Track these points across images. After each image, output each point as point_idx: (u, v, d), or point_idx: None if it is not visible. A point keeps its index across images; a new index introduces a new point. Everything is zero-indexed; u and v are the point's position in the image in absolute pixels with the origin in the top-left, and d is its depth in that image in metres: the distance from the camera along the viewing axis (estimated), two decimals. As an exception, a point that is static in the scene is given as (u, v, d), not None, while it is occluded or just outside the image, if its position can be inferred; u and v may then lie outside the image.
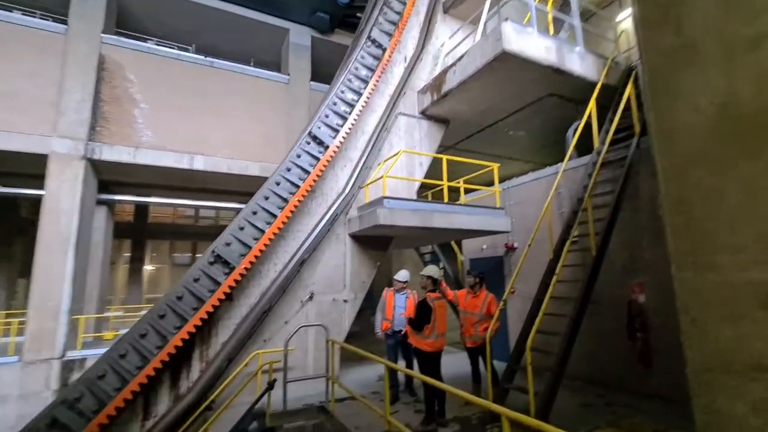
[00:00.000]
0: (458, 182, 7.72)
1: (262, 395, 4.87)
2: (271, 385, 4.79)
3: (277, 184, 5.93)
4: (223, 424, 4.92)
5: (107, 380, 4.49)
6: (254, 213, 5.67)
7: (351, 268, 6.56)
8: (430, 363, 4.65)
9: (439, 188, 7.22)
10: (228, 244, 5.41)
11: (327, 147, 6.39)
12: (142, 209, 17.27)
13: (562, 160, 6.51)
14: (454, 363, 7.55)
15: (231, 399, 4.76)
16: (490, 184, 7.57)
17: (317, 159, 6.27)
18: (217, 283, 5.18)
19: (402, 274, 5.48)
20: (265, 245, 5.54)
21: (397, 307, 5.38)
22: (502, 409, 2.44)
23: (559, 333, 4.61)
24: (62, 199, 8.37)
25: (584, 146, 6.70)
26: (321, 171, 6.22)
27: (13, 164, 8.94)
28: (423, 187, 10.07)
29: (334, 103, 6.73)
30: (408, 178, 7.12)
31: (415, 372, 5.16)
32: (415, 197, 7.21)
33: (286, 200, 5.86)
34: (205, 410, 5.00)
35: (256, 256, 5.45)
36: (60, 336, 7.95)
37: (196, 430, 4.83)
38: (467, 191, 8.77)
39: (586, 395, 5.52)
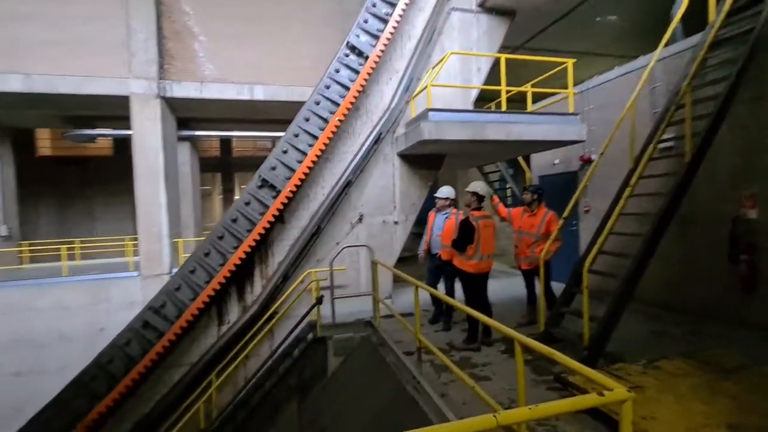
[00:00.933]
0: (525, 87, 6.65)
1: (310, 309, 5.19)
2: (319, 301, 5.06)
3: (317, 103, 5.68)
4: (282, 332, 5.43)
5: (182, 292, 5.14)
6: (296, 135, 5.58)
7: (400, 189, 6.32)
8: (474, 285, 4.40)
9: (508, 95, 6.30)
10: (273, 168, 5.48)
11: (367, 58, 5.83)
12: (226, 144, 18.67)
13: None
14: (510, 285, 7.25)
15: (285, 309, 5.15)
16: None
17: (357, 73, 5.80)
18: (266, 207, 5.36)
19: (443, 191, 5.07)
20: (309, 168, 5.50)
21: (435, 228, 5.08)
22: (515, 334, 2.15)
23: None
24: (147, 137, 9.24)
25: (694, 24, 5.13)
26: (362, 86, 5.77)
27: (105, 108, 9.99)
28: (487, 100, 9.03)
29: (374, 5, 5.98)
30: (460, 86, 6.31)
31: (446, 295, 5.10)
32: (471, 108, 6.43)
33: (326, 120, 5.63)
34: (268, 320, 5.54)
35: (300, 179, 5.46)
36: (165, 256, 9.31)
37: (261, 336, 5.43)
38: (537, 99, 7.60)
39: (662, 323, 4.87)
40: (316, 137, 5.57)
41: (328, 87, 5.75)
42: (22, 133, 13.34)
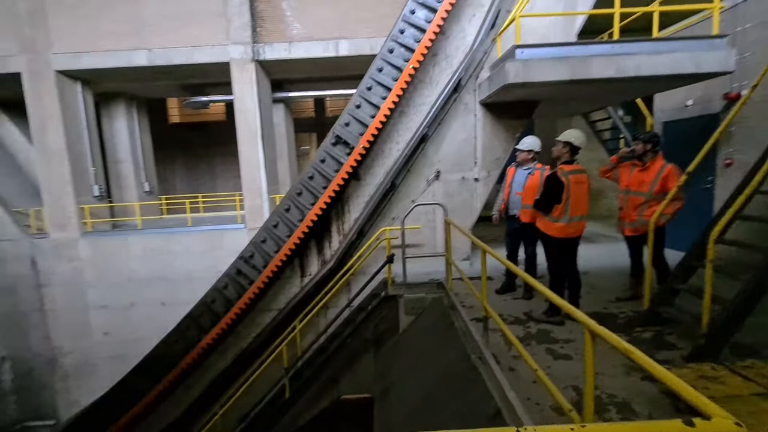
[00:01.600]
0: (651, 7, 5.27)
1: (381, 268, 5.16)
2: (389, 260, 4.98)
3: (390, 51, 5.30)
4: (358, 286, 5.55)
5: (267, 244, 5.54)
6: (369, 88, 5.33)
7: (483, 143, 5.72)
8: (559, 251, 3.82)
9: (625, 22, 5.08)
10: (347, 125, 5.38)
11: (446, -7, 5.17)
12: (320, 105, 19.32)
13: None
14: (613, 251, 6.24)
15: (360, 265, 5.22)
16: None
17: (435, 11, 5.20)
18: (340, 164, 5.34)
19: (525, 142, 4.37)
20: (382, 122, 5.26)
21: (515, 185, 4.46)
22: (582, 317, 1.73)
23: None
24: (245, 100, 9.94)
25: None
26: (439, 26, 5.17)
27: (212, 75, 10.94)
28: (597, 33, 7.51)
29: (455, -73, 5.18)
30: (558, 14, 5.27)
31: (528, 262, 4.52)
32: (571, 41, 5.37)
33: (401, 69, 5.25)
34: (344, 274, 5.71)
35: (373, 135, 5.28)
36: (265, 210, 10.23)
37: (338, 289, 5.64)
38: (667, 24, 6.01)
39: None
40: (389, 89, 5.26)
41: (402, 32, 5.29)
42: (156, 102, 15.56)
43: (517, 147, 4.46)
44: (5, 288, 9.99)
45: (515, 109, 5.57)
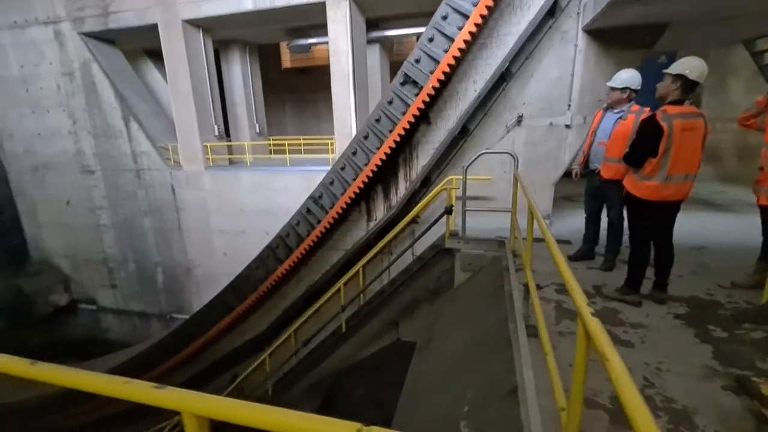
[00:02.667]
0: None
1: (438, 218, 4.87)
2: (447, 211, 4.65)
3: (472, -30, 4.53)
4: (422, 236, 5.38)
5: (335, 186, 5.66)
6: (444, 17, 4.72)
7: (582, 81, 4.73)
8: (648, 219, 3.05)
9: None
10: (417, 61, 4.92)
11: None
12: (423, 44, 18.30)
13: None
14: (741, 224, 4.80)
15: (421, 214, 5.02)
16: None
17: None
18: (407, 105, 5.01)
19: (620, 78, 3.38)
20: (456, 58, 4.68)
21: (600, 133, 3.57)
22: (584, 313, 1.32)
23: None
24: (339, 41, 9.86)
25: None
26: (535, -69, 4.19)
27: (311, 17, 11.03)
28: None
29: None
30: None
31: (612, 228, 3.64)
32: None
33: (482, -8, 4.48)
34: (410, 222, 5.59)
35: (445, 72, 4.75)
36: (353, 154, 10.45)
37: (400, 236, 5.57)
38: None
39: None
40: (467, 16, 4.58)
41: (488, -57, 4.44)
42: (271, 48, 16.57)
43: (609, 84, 3.52)
44: (155, 209, 12.43)
45: (632, 36, 4.39)
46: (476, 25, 4.52)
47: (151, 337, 9.67)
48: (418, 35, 12.92)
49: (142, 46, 13.57)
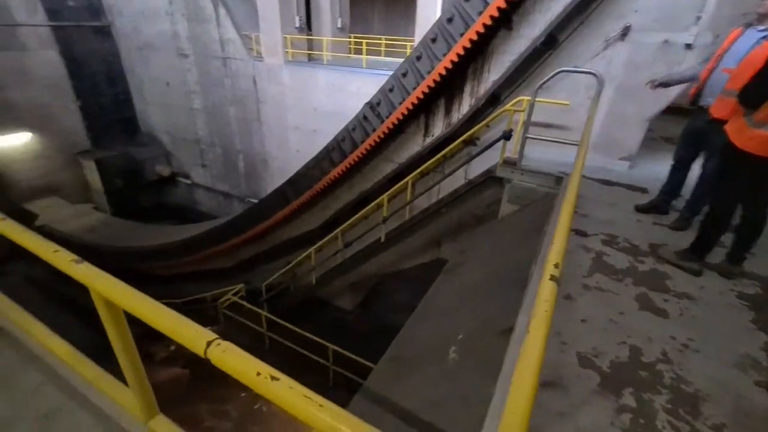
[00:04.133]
0: None
1: (494, 142, 4.44)
2: (505, 135, 4.19)
3: None
4: (477, 158, 5.02)
5: (394, 94, 5.33)
6: None
7: (726, -17, 3.56)
8: (746, 175, 2.42)
9: None
10: (507, -54, 4.04)
11: None
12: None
13: None
14: None
15: (473, 131, 4.62)
16: None
17: None
18: (486, 3, 4.27)
19: None
20: (556, -58, 3.74)
21: (727, 56, 2.70)
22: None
23: None
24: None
25: None
26: None
27: None
28: None
29: None
30: None
31: (702, 180, 2.90)
32: None
33: None
34: (467, 143, 5.20)
35: (539, -37, 3.87)
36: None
37: (455, 154, 5.27)
38: None
39: None
40: None
41: None
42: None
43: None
44: (238, 99, 13.08)
45: None
46: None
47: (231, 214, 10.97)
48: None
49: None
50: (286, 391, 0.64)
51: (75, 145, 14.68)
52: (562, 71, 3.78)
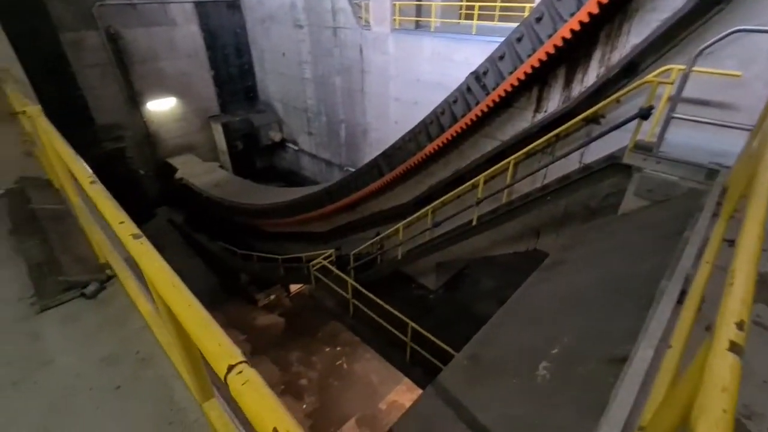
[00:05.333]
0: None
1: (626, 122, 3.67)
2: (643, 113, 3.41)
3: None
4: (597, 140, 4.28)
5: (504, 62, 4.74)
6: None
7: None
8: None
9: None
10: None
11: None
12: None
13: None
14: None
15: (600, 106, 3.89)
16: None
17: None
18: (636, -54, 3.43)
19: None
20: None
21: None
22: None
23: None
24: None
25: None
26: None
27: None
28: None
29: None
30: None
31: None
32: None
33: None
34: (588, 121, 4.45)
35: None
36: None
37: (570, 134, 4.57)
38: None
39: None
40: None
41: None
42: None
43: None
44: (345, 69, 13.34)
45: None
46: None
47: (330, 181, 11.51)
48: None
49: None
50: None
51: (208, 110, 16.74)
52: (739, 30, 2.88)
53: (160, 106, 15.41)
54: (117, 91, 14.07)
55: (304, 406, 9.91)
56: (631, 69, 3.97)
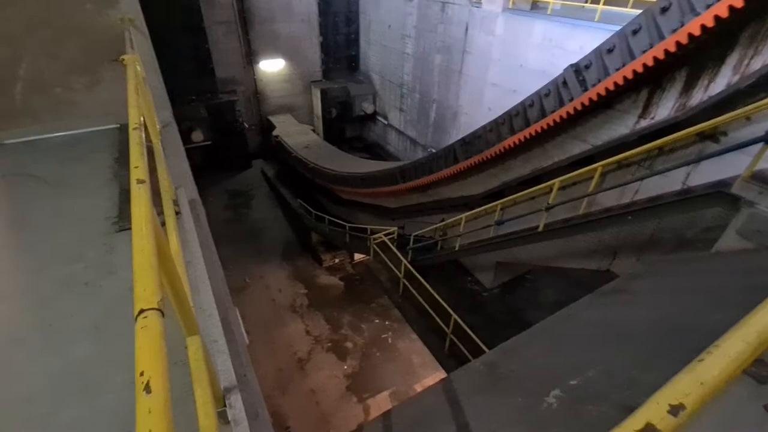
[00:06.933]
0: None
1: (747, 143, 3.04)
2: (771, 136, 2.78)
3: None
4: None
5: (612, 57, 4.17)
6: None
7: None
8: None
9: None
10: None
11: None
12: None
13: None
14: None
15: (721, 120, 3.27)
16: None
17: None
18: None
19: None
20: None
21: None
22: None
23: None
24: None
25: None
26: None
27: None
28: None
29: None
30: None
31: None
32: None
33: None
34: (704, 137, 3.78)
35: None
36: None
37: (676, 153, 3.95)
38: None
39: None
40: None
41: None
42: None
43: None
44: (445, 46, 12.94)
45: None
46: None
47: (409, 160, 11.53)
48: None
49: None
50: None
51: (311, 75, 17.65)
52: None
53: (270, 67, 16.63)
54: (237, 48, 15.49)
55: (345, 367, 10.48)
56: (776, 78, 3.23)
